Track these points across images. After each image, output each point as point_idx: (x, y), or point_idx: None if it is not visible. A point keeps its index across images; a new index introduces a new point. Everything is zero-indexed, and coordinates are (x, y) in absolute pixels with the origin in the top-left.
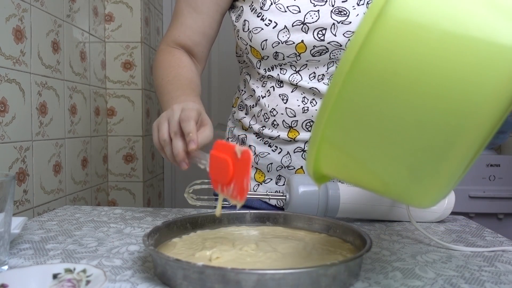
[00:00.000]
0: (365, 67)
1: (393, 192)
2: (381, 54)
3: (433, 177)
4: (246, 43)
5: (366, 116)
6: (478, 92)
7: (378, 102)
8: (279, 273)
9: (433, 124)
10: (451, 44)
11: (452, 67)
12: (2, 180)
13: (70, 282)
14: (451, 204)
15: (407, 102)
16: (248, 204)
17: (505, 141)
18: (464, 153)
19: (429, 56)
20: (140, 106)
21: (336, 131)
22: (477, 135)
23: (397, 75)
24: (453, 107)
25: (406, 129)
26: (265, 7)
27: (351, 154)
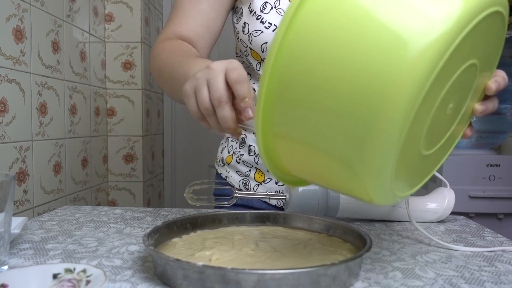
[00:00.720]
0: (284, 62)
1: (341, 188)
2: (297, 50)
3: (363, 167)
4: (246, 45)
5: (294, 104)
6: (385, 82)
7: (301, 95)
8: (279, 273)
9: (350, 114)
10: (358, 40)
11: (360, 61)
12: (2, 180)
13: (70, 282)
14: (451, 204)
15: (325, 94)
16: (248, 204)
17: (505, 141)
18: (385, 141)
19: (339, 52)
20: (140, 106)
21: (273, 122)
22: (391, 123)
23: (313, 70)
24: (364, 97)
25: (328, 119)
26: (266, 10)
27: (294, 145)
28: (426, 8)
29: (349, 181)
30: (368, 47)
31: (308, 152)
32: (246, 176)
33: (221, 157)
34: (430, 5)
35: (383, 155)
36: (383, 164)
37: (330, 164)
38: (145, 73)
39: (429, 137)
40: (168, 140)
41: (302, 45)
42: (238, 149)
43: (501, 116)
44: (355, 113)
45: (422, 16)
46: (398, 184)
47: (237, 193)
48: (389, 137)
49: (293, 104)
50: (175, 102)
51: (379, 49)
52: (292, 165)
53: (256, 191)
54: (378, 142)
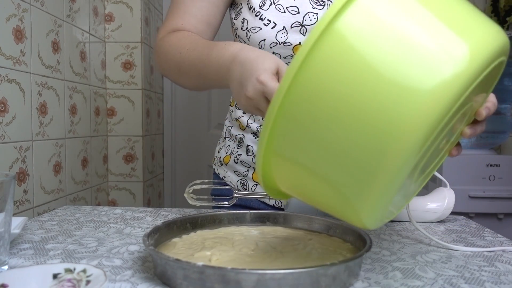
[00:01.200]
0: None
1: (332, 212)
2: (315, 76)
3: (360, 202)
4: (243, 41)
5: (301, 134)
6: (395, 127)
7: (310, 124)
8: (279, 273)
9: (356, 155)
10: (373, 84)
11: (372, 101)
12: (2, 180)
13: (70, 282)
14: (451, 204)
15: (335, 128)
16: (245, 204)
17: (505, 141)
18: (385, 185)
19: (350, 96)
20: (140, 106)
21: (278, 142)
22: (398, 162)
23: (328, 98)
24: (371, 141)
25: (334, 151)
26: (265, 7)
27: (293, 167)
28: (437, 62)
29: (343, 209)
30: (378, 95)
31: (304, 176)
32: (244, 176)
33: (218, 157)
34: (442, 60)
35: (382, 196)
36: (381, 202)
37: (325, 192)
38: (145, 73)
39: (421, 170)
40: (168, 140)
41: (321, 72)
42: (236, 149)
43: (501, 116)
44: (365, 149)
45: (432, 71)
46: (389, 212)
47: (237, 193)
48: (395, 175)
49: (301, 127)
50: (175, 102)
51: (388, 100)
52: (284, 182)
53: (254, 191)
54: (379, 185)
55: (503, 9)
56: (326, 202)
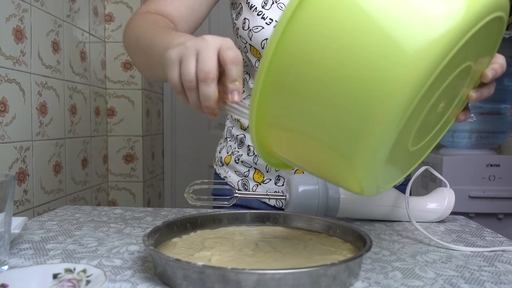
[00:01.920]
0: (285, 49)
1: (329, 175)
2: (298, 39)
3: (355, 158)
4: (245, 41)
5: (290, 98)
6: (384, 80)
7: (299, 82)
8: (279, 273)
9: (348, 107)
10: (359, 40)
11: (361, 57)
12: (2, 180)
13: (70, 282)
14: (451, 204)
15: (325, 80)
16: (246, 204)
17: (505, 141)
18: (379, 136)
19: (341, 47)
20: (140, 106)
21: (269, 109)
22: (388, 120)
23: (316, 55)
24: (363, 92)
25: (325, 111)
26: (267, 6)
27: (287, 131)
28: (429, 10)
29: (339, 169)
30: (370, 41)
31: (300, 140)
32: (245, 177)
33: (219, 157)
34: (434, 7)
35: (376, 149)
36: (375, 156)
37: (322, 152)
38: None
39: (418, 134)
40: (168, 140)
41: (303, 37)
42: (237, 149)
43: (501, 116)
44: (353, 106)
45: (424, 18)
46: (384, 176)
47: (237, 193)
48: (384, 133)
49: (290, 93)
50: (175, 102)
51: (381, 47)
52: (283, 150)
53: (255, 191)
54: (373, 136)
55: None
56: (322, 165)
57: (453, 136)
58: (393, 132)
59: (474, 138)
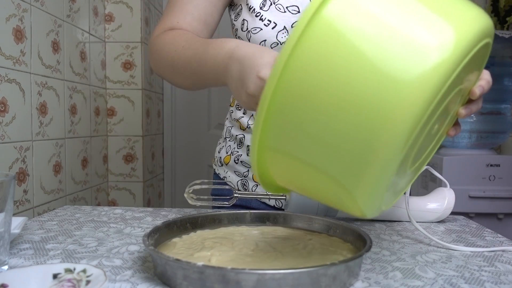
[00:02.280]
0: (289, 81)
1: (330, 203)
2: (298, 75)
3: (357, 189)
4: None
5: (292, 128)
6: (385, 114)
7: (300, 117)
8: (279, 273)
9: (348, 139)
10: (359, 74)
11: (358, 92)
12: (2, 180)
13: (70, 282)
14: (451, 204)
15: (324, 119)
16: (246, 205)
17: (505, 141)
18: (381, 167)
19: (341, 83)
20: (140, 106)
21: (271, 137)
22: (388, 151)
23: (316, 91)
24: (364, 126)
25: (326, 142)
26: (265, 8)
27: (288, 162)
28: (422, 42)
29: (341, 199)
30: (367, 80)
31: (302, 171)
32: (244, 177)
33: (219, 157)
34: (426, 39)
35: (378, 180)
36: (377, 187)
37: (322, 182)
38: (145, 73)
39: (415, 157)
40: (168, 140)
41: (303, 73)
42: (236, 149)
43: (501, 116)
44: (354, 141)
45: (418, 50)
46: (386, 200)
47: (237, 193)
48: (386, 164)
49: (293, 121)
50: (175, 102)
51: (378, 83)
52: (281, 177)
53: (255, 191)
54: (375, 169)
55: (503, 9)
56: (324, 193)
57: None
58: (395, 163)
59: (474, 138)
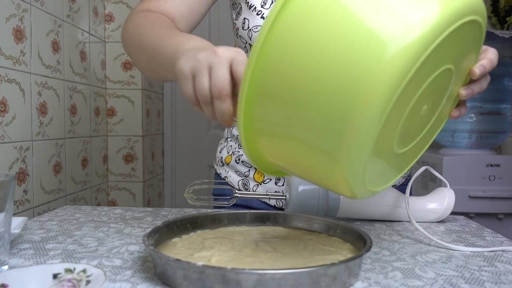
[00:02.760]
0: (267, 55)
1: (320, 179)
2: (279, 44)
3: (339, 158)
4: (245, 41)
5: (275, 99)
6: (361, 80)
7: (281, 86)
8: (279, 273)
9: (328, 110)
10: (337, 40)
11: (338, 59)
12: (2, 180)
13: (70, 282)
14: (451, 204)
15: (304, 90)
16: (247, 204)
17: (505, 141)
18: (358, 137)
19: (319, 51)
20: (140, 106)
21: (255, 119)
22: (365, 121)
23: (295, 66)
24: (341, 94)
25: (308, 115)
26: (266, 6)
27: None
28: (405, 12)
29: (327, 171)
30: (346, 46)
31: (289, 146)
32: (245, 176)
33: (220, 157)
34: (409, 10)
35: (357, 146)
36: (357, 154)
37: (309, 154)
38: None
39: (403, 137)
40: (168, 140)
41: (285, 43)
42: (237, 149)
43: (501, 116)
44: (333, 106)
45: (400, 20)
46: (371, 178)
47: (237, 193)
48: (364, 131)
49: (274, 100)
50: (175, 102)
51: (357, 49)
52: (274, 157)
53: (256, 191)
54: (353, 134)
55: (503, 9)
56: (313, 168)
57: (453, 136)
58: (372, 130)
59: (474, 138)
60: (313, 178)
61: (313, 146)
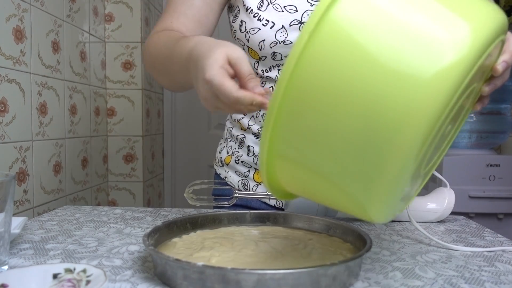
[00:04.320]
0: (297, 86)
1: (344, 209)
2: (311, 74)
3: (371, 195)
4: (243, 43)
5: (302, 134)
6: (397, 119)
7: (310, 123)
8: (279, 273)
9: (360, 146)
10: (371, 75)
11: (374, 96)
12: (2, 180)
13: (70, 282)
14: (451, 204)
15: (335, 125)
16: (246, 205)
17: (505, 141)
18: (396, 173)
19: (352, 85)
20: (140, 106)
21: (280, 144)
22: (402, 159)
23: (326, 96)
24: (375, 132)
25: (337, 148)
26: (263, 8)
27: (298, 170)
28: (438, 45)
29: (351, 207)
30: (380, 81)
31: (310, 177)
32: (245, 177)
33: (220, 158)
34: (443, 43)
35: (389, 192)
36: (389, 197)
37: (333, 192)
38: (145, 73)
39: (427, 160)
40: (168, 140)
41: (315, 73)
42: (237, 149)
43: (501, 116)
44: (367, 147)
45: (433, 54)
46: (399, 206)
47: (237, 193)
48: (397, 177)
49: (302, 128)
50: (175, 102)
51: (391, 83)
52: (290, 184)
53: (255, 191)
54: (385, 181)
55: (503, 9)
56: (335, 201)
57: None
58: (410, 170)
59: (474, 138)
60: (334, 207)
61: (339, 186)
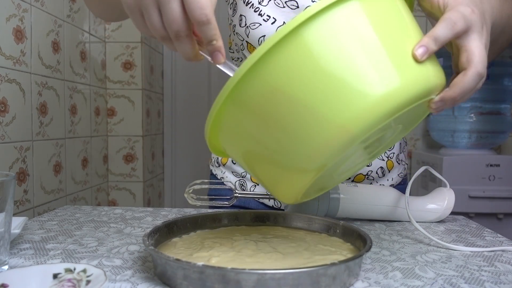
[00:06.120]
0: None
1: (264, 179)
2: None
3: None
4: (242, 38)
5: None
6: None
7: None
8: (279, 273)
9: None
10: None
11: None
12: (3, 180)
13: (70, 282)
14: (451, 204)
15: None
16: (244, 205)
17: (505, 141)
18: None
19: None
20: (140, 106)
21: (224, 124)
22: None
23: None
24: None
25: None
26: (264, 3)
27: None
28: (364, 88)
29: (276, 179)
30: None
31: (247, 151)
32: (242, 177)
33: (216, 158)
34: (370, 89)
35: (296, 191)
36: (297, 192)
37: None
38: (145, 73)
39: (346, 166)
40: (168, 140)
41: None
42: None
43: (501, 116)
44: (290, 147)
45: (357, 95)
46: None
47: (237, 193)
48: (303, 178)
49: (244, 119)
50: (175, 102)
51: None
52: (231, 151)
53: (253, 191)
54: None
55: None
56: (261, 170)
57: (453, 136)
58: (311, 179)
59: (474, 138)
60: (260, 177)
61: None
